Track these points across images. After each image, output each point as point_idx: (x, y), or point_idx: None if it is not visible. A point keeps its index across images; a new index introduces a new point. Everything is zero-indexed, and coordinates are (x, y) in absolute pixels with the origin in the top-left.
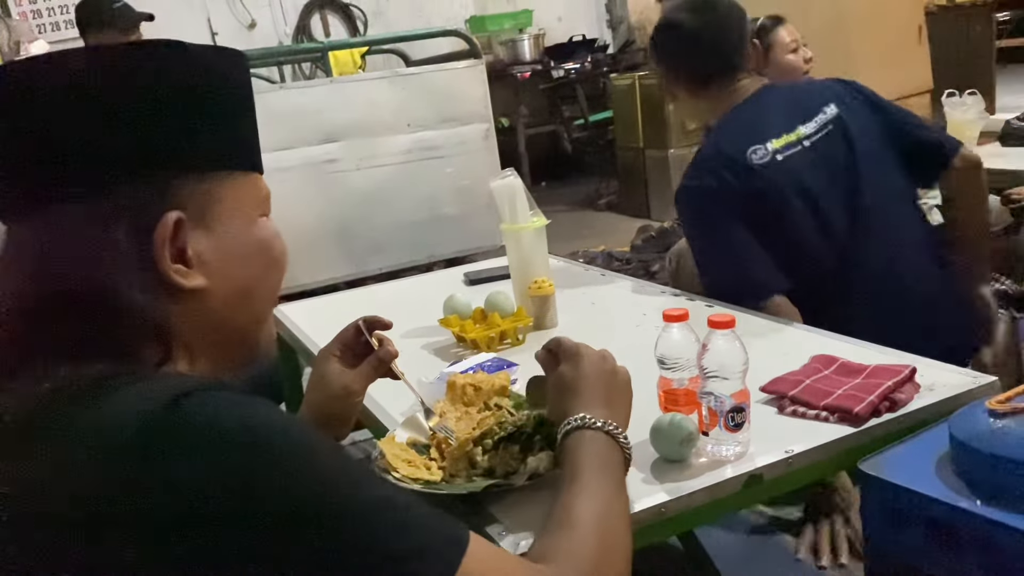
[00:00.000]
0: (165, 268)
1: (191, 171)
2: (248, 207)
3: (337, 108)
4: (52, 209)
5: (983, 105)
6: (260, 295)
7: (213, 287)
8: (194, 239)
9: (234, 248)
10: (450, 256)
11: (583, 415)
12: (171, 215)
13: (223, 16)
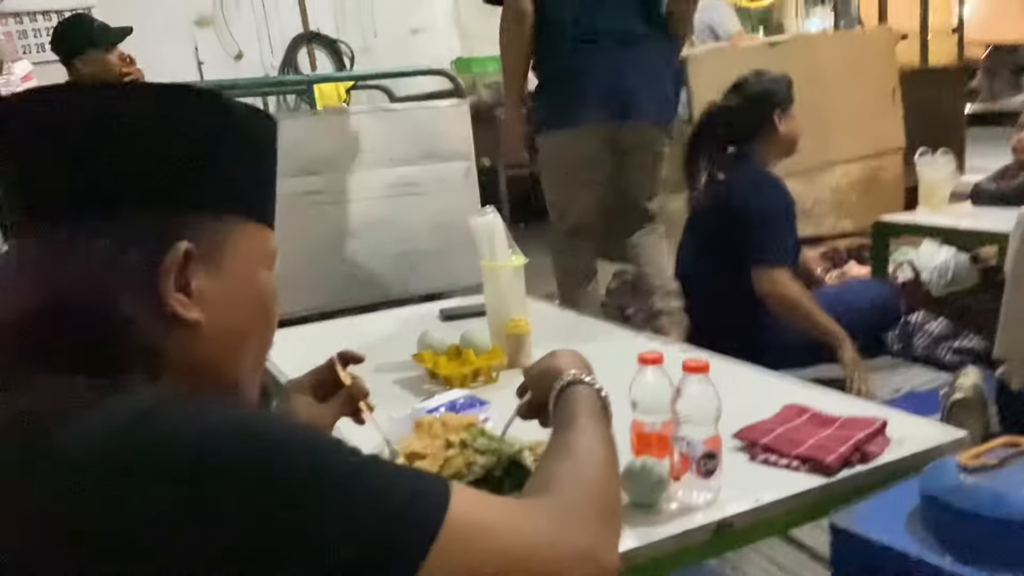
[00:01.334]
0: (167, 295)
1: (209, 209)
2: (256, 257)
3: (320, 140)
4: (66, 224)
5: (954, 165)
6: (250, 345)
7: (207, 325)
8: (199, 274)
9: (235, 292)
10: (426, 292)
11: (576, 371)
12: (183, 245)
13: (211, 46)
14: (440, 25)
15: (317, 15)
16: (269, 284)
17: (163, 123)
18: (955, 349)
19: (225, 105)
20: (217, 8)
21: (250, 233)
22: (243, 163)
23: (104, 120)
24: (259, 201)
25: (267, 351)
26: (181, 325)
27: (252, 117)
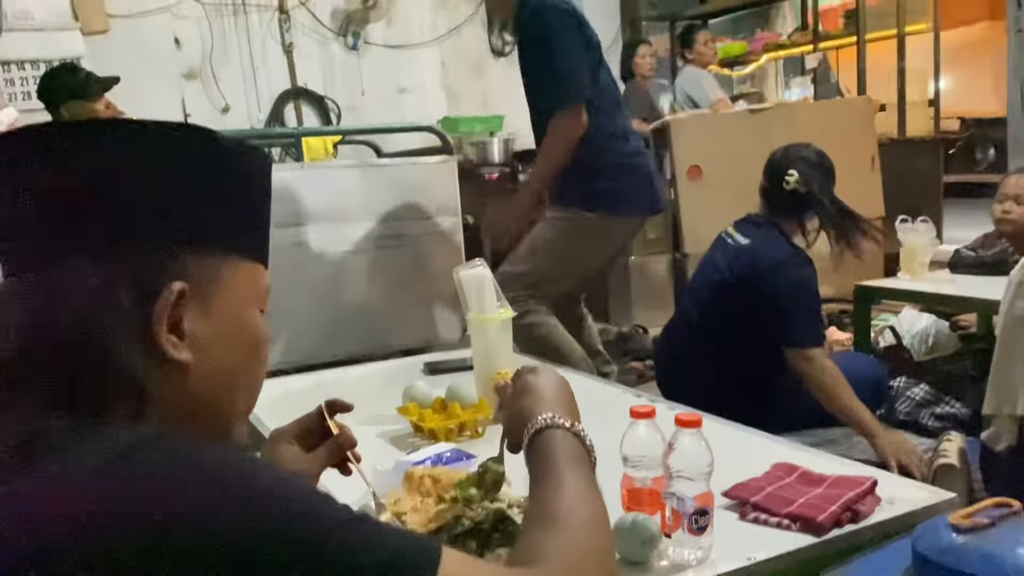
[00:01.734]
0: (159, 335)
1: (203, 248)
2: (249, 296)
3: (306, 193)
4: (61, 260)
5: (934, 232)
6: (239, 385)
7: (197, 364)
8: (191, 314)
9: (227, 331)
10: (408, 347)
11: (551, 415)
12: (176, 285)
13: (197, 98)
14: (427, 85)
15: (305, 72)
16: (260, 324)
17: (157, 161)
18: (937, 415)
19: (219, 143)
20: (206, 62)
21: (243, 271)
22: (237, 201)
23: (97, 158)
24: (253, 239)
25: (257, 392)
26: (170, 365)
27: (246, 154)
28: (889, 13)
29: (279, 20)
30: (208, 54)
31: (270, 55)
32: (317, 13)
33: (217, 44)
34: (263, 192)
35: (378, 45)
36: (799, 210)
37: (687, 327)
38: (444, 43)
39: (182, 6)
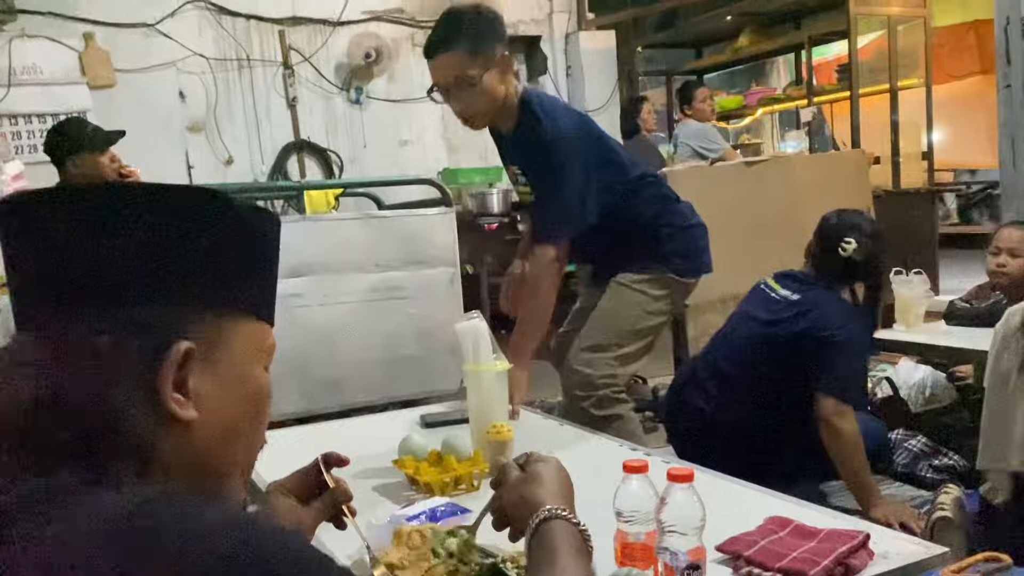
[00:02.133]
0: (165, 394)
1: (210, 306)
2: (253, 354)
3: (307, 245)
4: (67, 320)
5: (928, 284)
6: (243, 441)
7: (202, 422)
8: (197, 372)
9: (231, 390)
10: (406, 398)
11: (556, 507)
12: (183, 344)
13: (201, 150)
14: (428, 137)
15: (308, 125)
16: (264, 381)
17: (166, 222)
18: (934, 467)
19: (229, 204)
20: (210, 115)
21: (249, 330)
22: (245, 261)
23: (108, 219)
24: (260, 298)
25: (259, 448)
26: (175, 424)
27: (255, 215)
28: (882, 68)
29: (283, 75)
30: (212, 107)
31: (274, 109)
32: (321, 68)
33: (221, 98)
34: (270, 253)
35: (380, 99)
36: (850, 275)
37: (713, 377)
38: None
39: (187, 61)
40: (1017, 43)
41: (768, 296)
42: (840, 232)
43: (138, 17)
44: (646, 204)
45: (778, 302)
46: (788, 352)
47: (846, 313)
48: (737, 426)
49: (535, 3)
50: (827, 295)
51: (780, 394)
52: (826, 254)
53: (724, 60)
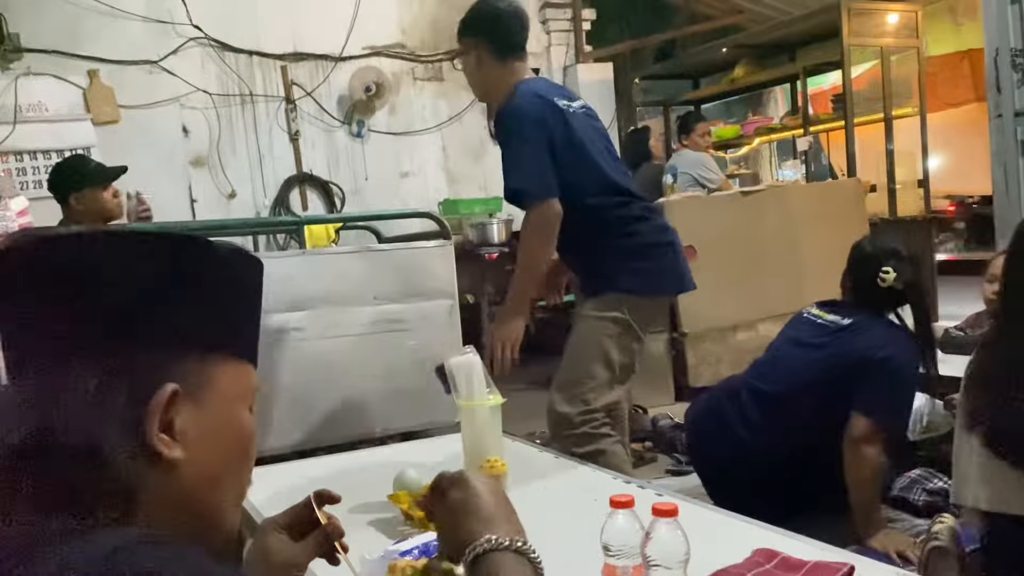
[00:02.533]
0: (151, 435)
1: (195, 351)
2: (237, 394)
3: (307, 278)
4: (55, 365)
5: None
6: (228, 483)
7: (187, 463)
8: (183, 413)
9: (217, 430)
10: (406, 430)
11: (488, 537)
12: (169, 387)
13: (204, 184)
14: (429, 169)
15: (310, 159)
16: (248, 421)
17: (152, 269)
18: (928, 491)
19: (213, 249)
20: (213, 150)
21: (233, 371)
22: (229, 305)
23: (93, 266)
24: (244, 340)
25: (246, 487)
26: (161, 465)
27: (235, 258)
28: (876, 98)
29: (286, 109)
30: (215, 142)
31: (276, 143)
32: (323, 102)
33: (224, 132)
34: (253, 295)
35: (381, 132)
36: (891, 303)
37: (758, 406)
38: (445, 129)
39: (191, 97)
40: (1007, 73)
41: (815, 323)
42: (877, 261)
43: (142, 54)
44: (607, 225)
45: (827, 326)
46: (840, 375)
47: (901, 337)
48: (784, 453)
49: (533, 36)
50: (878, 321)
51: (830, 419)
52: (865, 286)
53: (721, 91)
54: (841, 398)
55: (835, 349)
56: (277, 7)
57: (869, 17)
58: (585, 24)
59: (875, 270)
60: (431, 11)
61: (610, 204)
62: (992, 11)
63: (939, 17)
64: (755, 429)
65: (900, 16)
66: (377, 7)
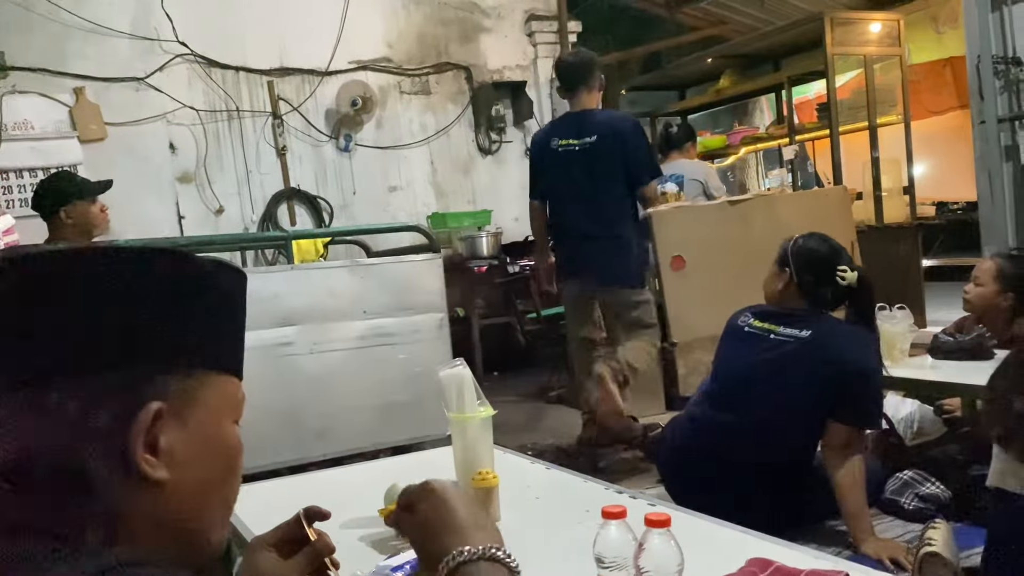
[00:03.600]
0: (136, 456)
1: (178, 367)
2: (223, 409)
3: (295, 294)
4: (36, 385)
5: (912, 319)
6: (215, 497)
7: (173, 482)
8: (168, 431)
9: (202, 447)
10: (398, 444)
11: (460, 549)
12: (153, 405)
13: (192, 200)
14: (417, 183)
15: (298, 174)
16: (235, 436)
17: (130, 285)
18: (920, 495)
19: (192, 263)
20: (200, 166)
21: (218, 386)
22: (212, 318)
23: (71, 284)
24: (228, 353)
25: (232, 504)
26: (146, 485)
27: (219, 271)
28: (861, 106)
29: (273, 125)
30: (202, 158)
31: (264, 158)
32: (310, 117)
33: (212, 148)
34: (237, 307)
35: (369, 146)
36: (841, 301)
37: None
38: (433, 143)
39: (177, 113)
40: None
41: (769, 340)
42: (833, 262)
43: (128, 71)
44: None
45: (787, 341)
46: (819, 392)
47: (863, 338)
48: (771, 477)
49: (520, 50)
50: (837, 327)
51: (814, 433)
52: (823, 287)
53: (707, 101)
54: (822, 412)
55: (811, 368)
56: (263, 23)
57: (852, 26)
58: (571, 36)
59: (833, 270)
60: (417, 25)
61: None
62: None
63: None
64: (738, 465)
65: (883, 25)
66: (363, 21)
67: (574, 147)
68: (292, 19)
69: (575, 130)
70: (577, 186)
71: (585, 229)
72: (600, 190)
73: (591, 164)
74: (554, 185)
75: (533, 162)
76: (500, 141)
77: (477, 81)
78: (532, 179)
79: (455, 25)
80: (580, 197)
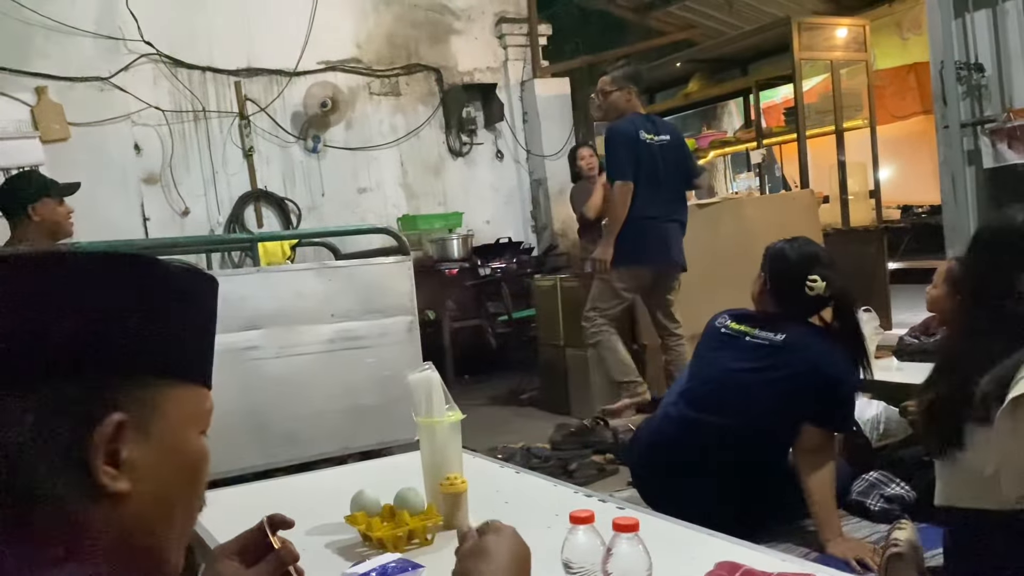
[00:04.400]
0: (96, 468)
1: (141, 375)
2: (188, 419)
3: (262, 297)
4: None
5: (877, 322)
6: (177, 509)
7: (135, 493)
8: (130, 442)
9: (166, 459)
10: (366, 448)
11: None
12: (115, 417)
13: (157, 202)
14: (387, 185)
15: (265, 175)
16: (201, 447)
17: (95, 291)
18: (885, 496)
19: (156, 268)
20: (166, 167)
21: (184, 395)
22: (177, 325)
23: (29, 289)
24: (194, 362)
25: (195, 516)
26: (107, 497)
27: (185, 276)
28: (828, 110)
29: (239, 125)
30: (168, 159)
31: (230, 159)
32: (277, 118)
33: (178, 149)
34: (205, 316)
35: (338, 147)
36: (816, 310)
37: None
38: (403, 145)
39: (142, 114)
40: (952, 85)
41: (747, 342)
42: (802, 271)
43: (92, 71)
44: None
45: (763, 345)
46: (793, 396)
47: (836, 346)
48: (740, 484)
49: (491, 52)
50: (810, 332)
51: (786, 436)
52: (791, 296)
53: (676, 105)
54: (796, 415)
55: (784, 372)
56: (230, 22)
57: (819, 32)
58: (541, 39)
59: (801, 278)
60: (386, 26)
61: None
62: (937, 26)
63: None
64: (712, 464)
65: (849, 31)
66: (332, 22)
67: (658, 142)
68: (260, 19)
69: (653, 128)
70: (664, 176)
71: (673, 214)
72: (680, 181)
73: (669, 158)
74: (648, 172)
75: (627, 148)
76: (471, 143)
77: (447, 83)
78: (625, 163)
79: (425, 27)
80: (667, 185)
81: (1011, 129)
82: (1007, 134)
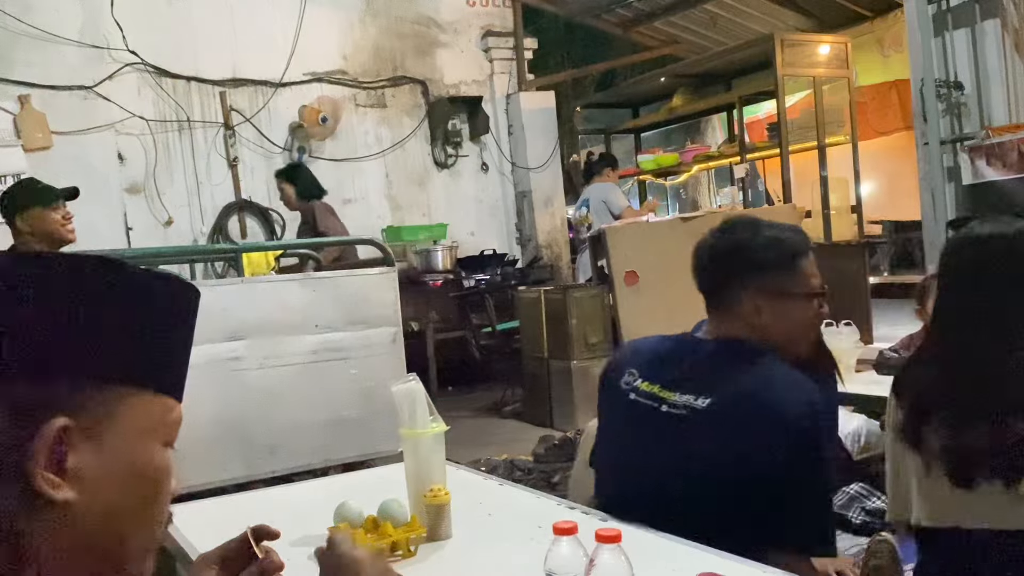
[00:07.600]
0: (35, 474)
1: (92, 379)
2: (148, 430)
3: (245, 307)
4: None
5: (858, 335)
6: (131, 524)
7: (82, 504)
8: (79, 450)
9: (118, 469)
10: (349, 460)
11: None
12: (58, 421)
13: (140, 212)
14: (372, 196)
15: (250, 185)
16: (162, 459)
17: (43, 290)
18: (866, 510)
19: (119, 271)
20: (149, 177)
21: (145, 404)
22: (136, 330)
23: None
24: (157, 370)
25: (157, 533)
26: (49, 507)
27: (152, 281)
28: (810, 126)
29: (224, 135)
30: (152, 169)
31: (214, 169)
32: (262, 129)
33: (161, 159)
34: (174, 322)
35: (323, 158)
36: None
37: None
38: (388, 156)
39: (126, 123)
40: (932, 103)
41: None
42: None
43: (76, 79)
44: None
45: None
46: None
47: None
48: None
49: (476, 65)
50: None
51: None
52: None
53: (660, 119)
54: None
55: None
56: (216, 32)
57: (801, 48)
58: (527, 53)
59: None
60: (372, 38)
61: None
62: (917, 44)
63: (867, 48)
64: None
65: (831, 47)
66: (318, 33)
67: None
68: (246, 29)
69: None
70: None
71: None
72: None
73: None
74: None
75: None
76: (456, 155)
77: (433, 95)
78: None
79: (411, 39)
80: None
81: (989, 146)
82: (986, 151)
